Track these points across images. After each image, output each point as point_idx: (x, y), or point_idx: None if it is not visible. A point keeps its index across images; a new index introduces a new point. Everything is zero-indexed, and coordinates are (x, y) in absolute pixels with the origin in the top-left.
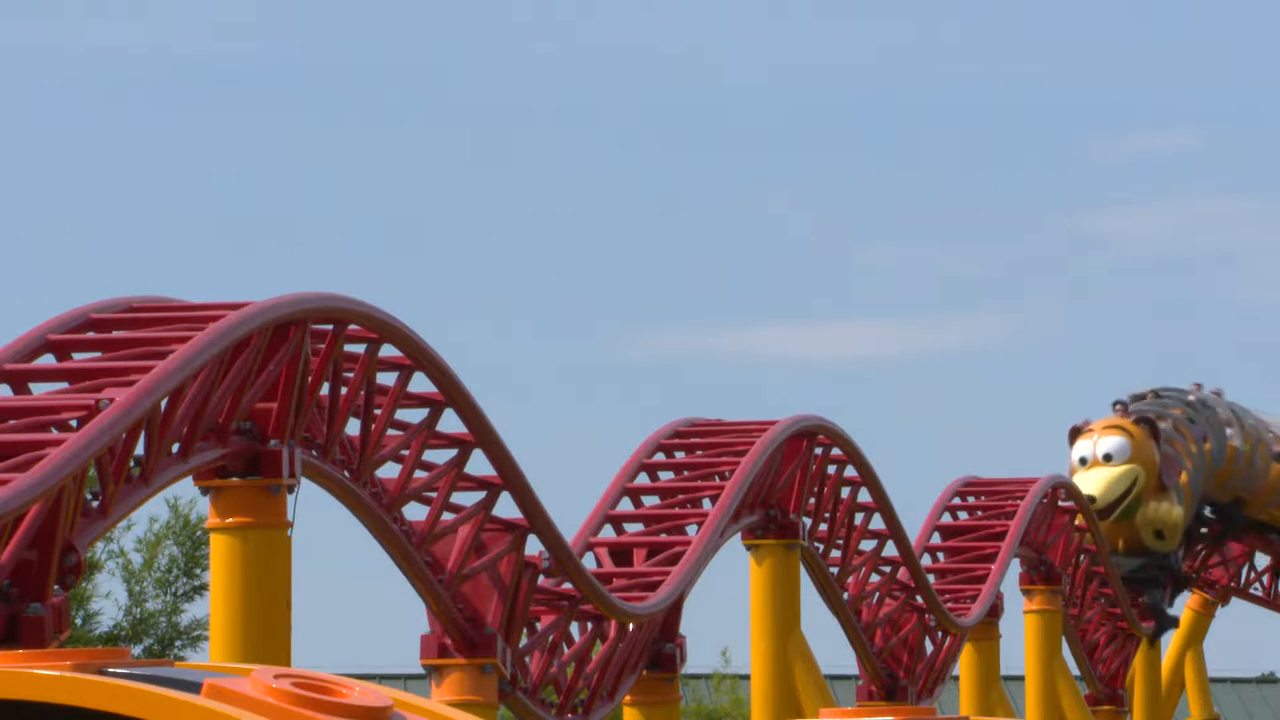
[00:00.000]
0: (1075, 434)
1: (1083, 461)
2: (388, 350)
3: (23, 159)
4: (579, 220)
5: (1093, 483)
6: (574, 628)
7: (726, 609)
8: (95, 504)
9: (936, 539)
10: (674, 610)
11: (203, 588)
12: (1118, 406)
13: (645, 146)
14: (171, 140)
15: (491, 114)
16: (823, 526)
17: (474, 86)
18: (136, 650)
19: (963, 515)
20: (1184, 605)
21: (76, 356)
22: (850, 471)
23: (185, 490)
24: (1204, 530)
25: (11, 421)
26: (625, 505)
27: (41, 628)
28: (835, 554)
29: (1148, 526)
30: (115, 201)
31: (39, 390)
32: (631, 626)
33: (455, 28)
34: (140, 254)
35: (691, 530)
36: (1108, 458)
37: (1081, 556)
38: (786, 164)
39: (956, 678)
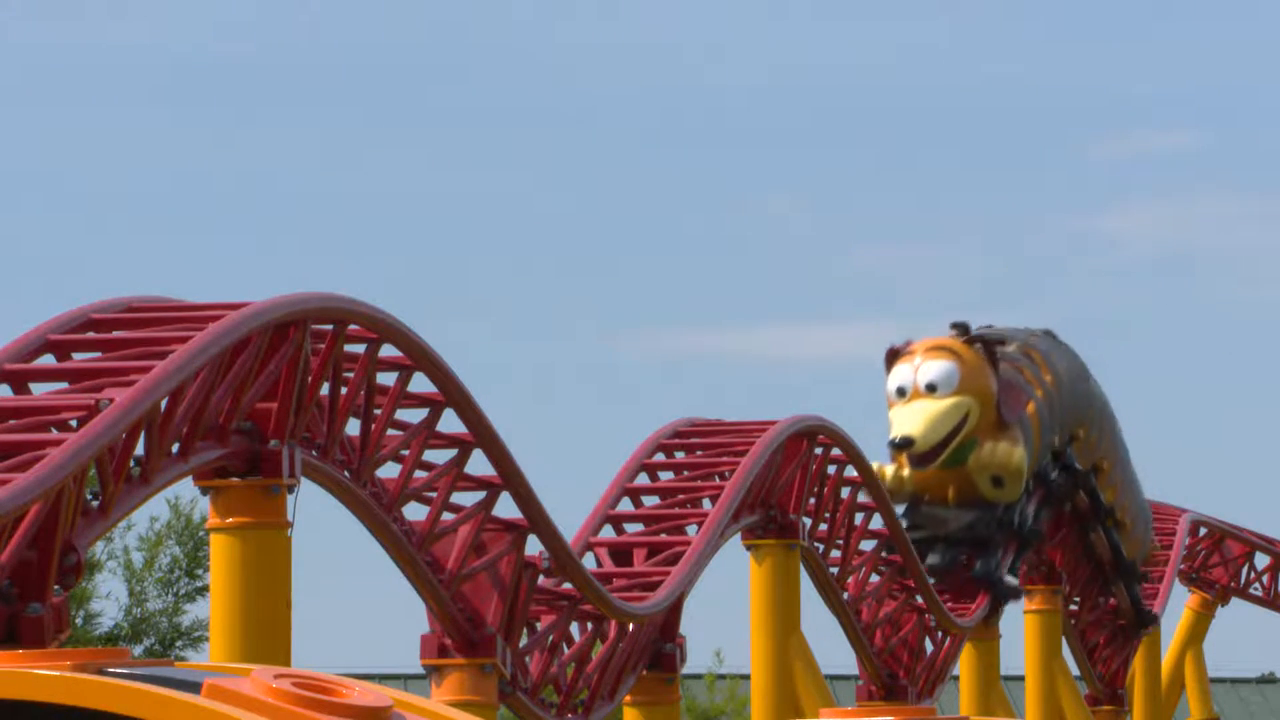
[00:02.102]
0: (893, 358)
1: (900, 394)
2: (388, 350)
3: (23, 159)
4: (579, 220)
5: (911, 420)
6: (574, 628)
7: (726, 609)
8: (95, 504)
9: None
10: (674, 610)
11: (204, 588)
12: (955, 329)
13: (645, 147)
14: (172, 140)
15: (492, 114)
16: (823, 526)
17: (474, 86)
18: (137, 650)
19: None
20: (1185, 605)
21: (76, 356)
22: (850, 471)
23: (185, 490)
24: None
25: (11, 421)
26: (625, 505)
27: (41, 628)
28: (835, 554)
29: (983, 472)
30: (115, 201)
31: (39, 390)
32: (631, 626)
33: (455, 28)
34: (140, 254)
35: (691, 530)
36: (931, 388)
37: None
38: (786, 164)
39: (956, 678)
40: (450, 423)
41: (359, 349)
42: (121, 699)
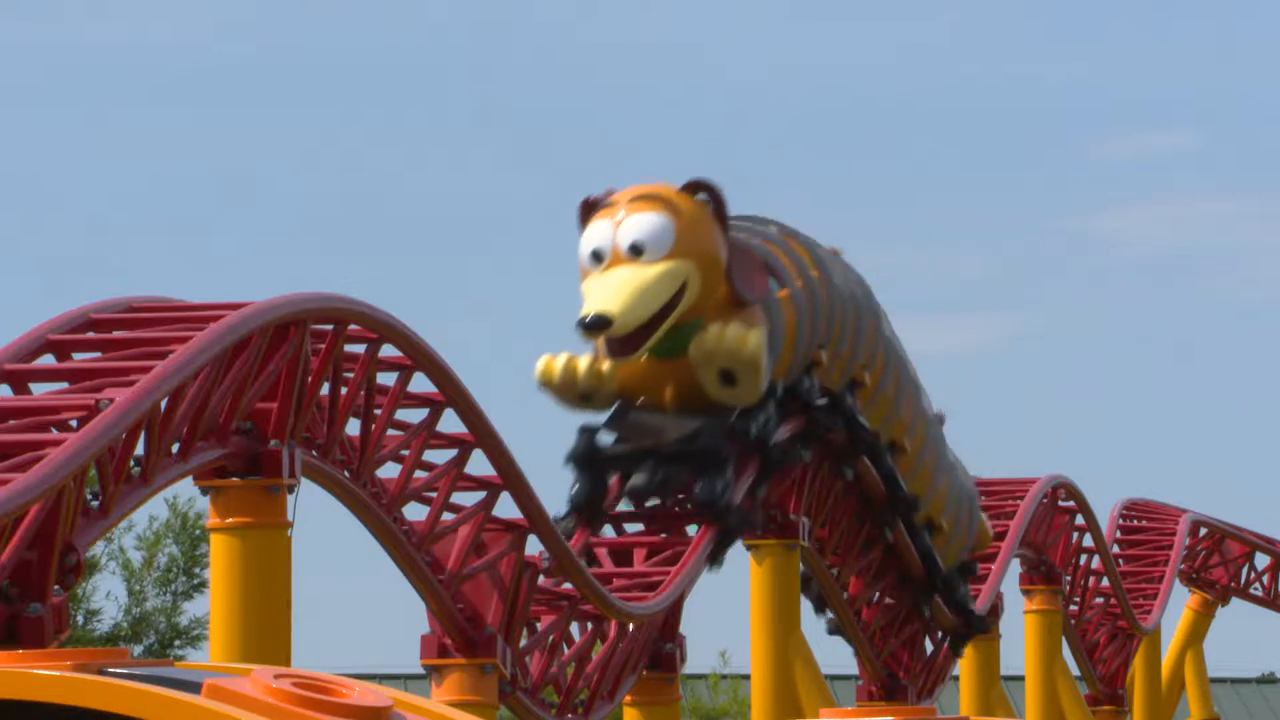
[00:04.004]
0: (588, 212)
1: (596, 259)
2: (388, 350)
3: (23, 159)
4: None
5: (608, 292)
6: (574, 628)
7: (726, 609)
8: (95, 504)
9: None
10: (674, 610)
11: (202, 586)
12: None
13: (645, 146)
14: (172, 140)
15: (491, 114)
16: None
17: (474, 86)
18: (136, 650)
19: None
20: (1185, 605)
21: (76, 356)
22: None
23: (184, 489)
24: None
25: (11, 421)
26: (625, 505)
27: (41, 628)
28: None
29: (709, 364)
30: (115, 201)
31: (39, 390)
32: (631, 626)
33: (455, 28)
34: (140, 254)
35: (691, 530)
36: (636, 250)
37: (1082, 557)
38: (786, 164)
39: (956, 678)
40: (450, 423)
41: (359, 349)
42: (122, 699)
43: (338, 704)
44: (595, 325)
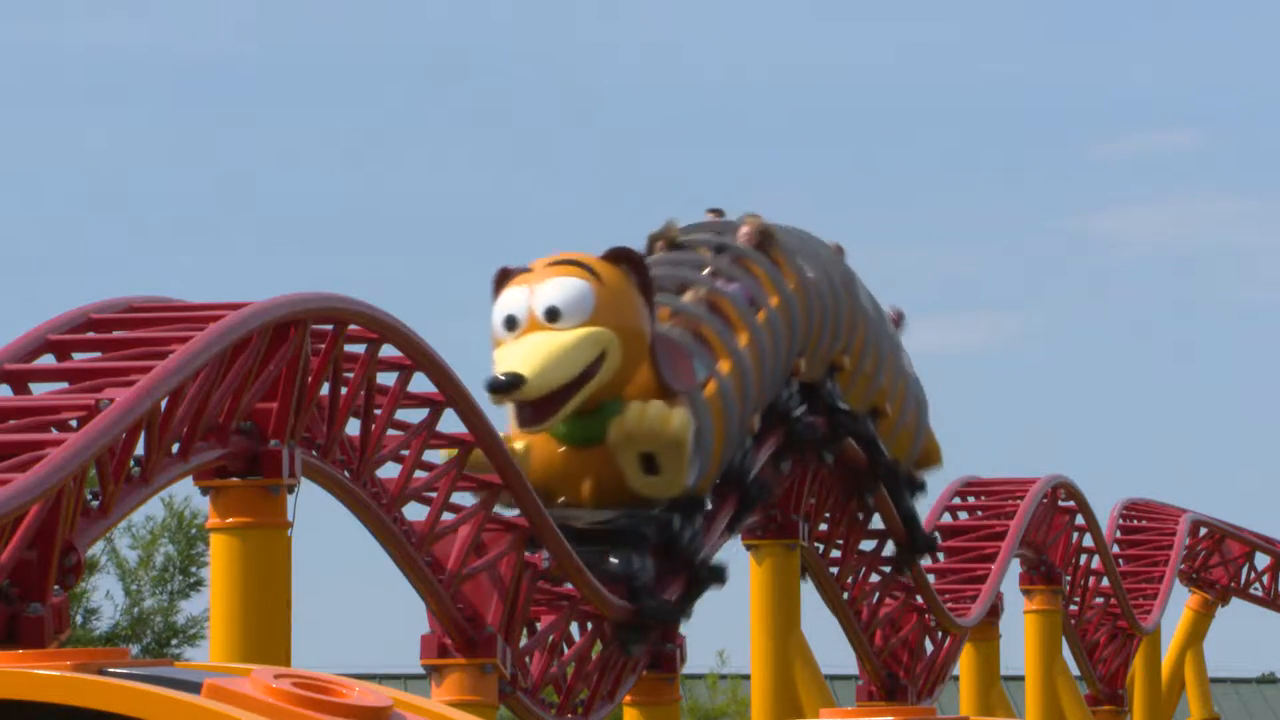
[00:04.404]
0: (503, 280)
1: (510, 326)
2: (388, 350)
3: (23, 159)
4: (579, 220)
5: (520, 355)
6: (574, 628)
7: (726, 609)
8: (95, 504)
9: (936, 539)
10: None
11: (198, 584)
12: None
13: (645, 146)
14: (172, 140)
15: (491, 114)
16: (823, 526)
17: (474, 86)
18: (134, 649)
19: (963, 515)
20: (1185, 605)
21: (76, 356)
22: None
23: (180, 488)
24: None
25: (11, 421)
26: None
27: (41, 628)
28: (835, 554)
29: (629, 447)
30: (115, 201)
31: (39, 390)
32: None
33: (455, 28)
34: (140, 254)
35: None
36: (553, 315)
37: (1082, 557)
38: (786, 164)
39: (956, 678)
40: (450, 423)
41: (359, 349)
42: (122, 699)
43: (338, 704)
44: (506, 386)
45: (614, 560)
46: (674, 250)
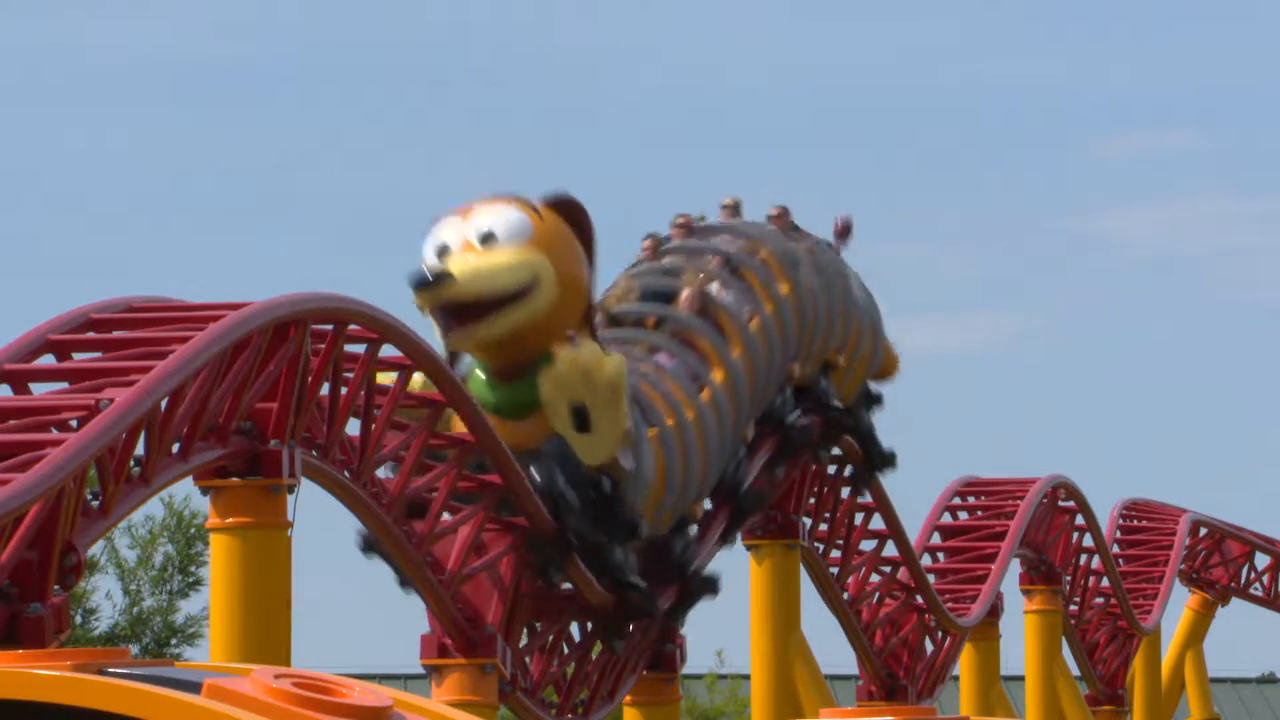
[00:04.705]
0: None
1: (442, 255)
2: (388, 350)
3: (23, 159)
4: None
5: (450, 263)
6: (574, 628)
7: (724, 609)
8: (95, 504)
9: (936, 539)
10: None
11: (197, 584)
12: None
13: (645, 147)
14: (172, 140)
15: (490, 114)
16: (823, 526)
17: (473, 86)
18: (134, 649)
19: (963, 515)
20: (1185, 605)
21: (76, 356)
22: (850, 471)
23: (180, 488)
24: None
25: (11, 421)
26: None
27: (41, 628)
28: (835, 554)
29: (560, 393)
30: (115, 201)
31: (39, 390)
32: (631, 626)
33: (455, 28)
34: (140, 254)
35: (691, 530)
36: (488, 239)
37: (1082, 557)
38: (786, 163)
39: (956, 678)
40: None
41: (359, 349)
42: (122, 699)
43: (338, 704)
44: (430, 281)
45: (534, 471)
46: (612, 327)
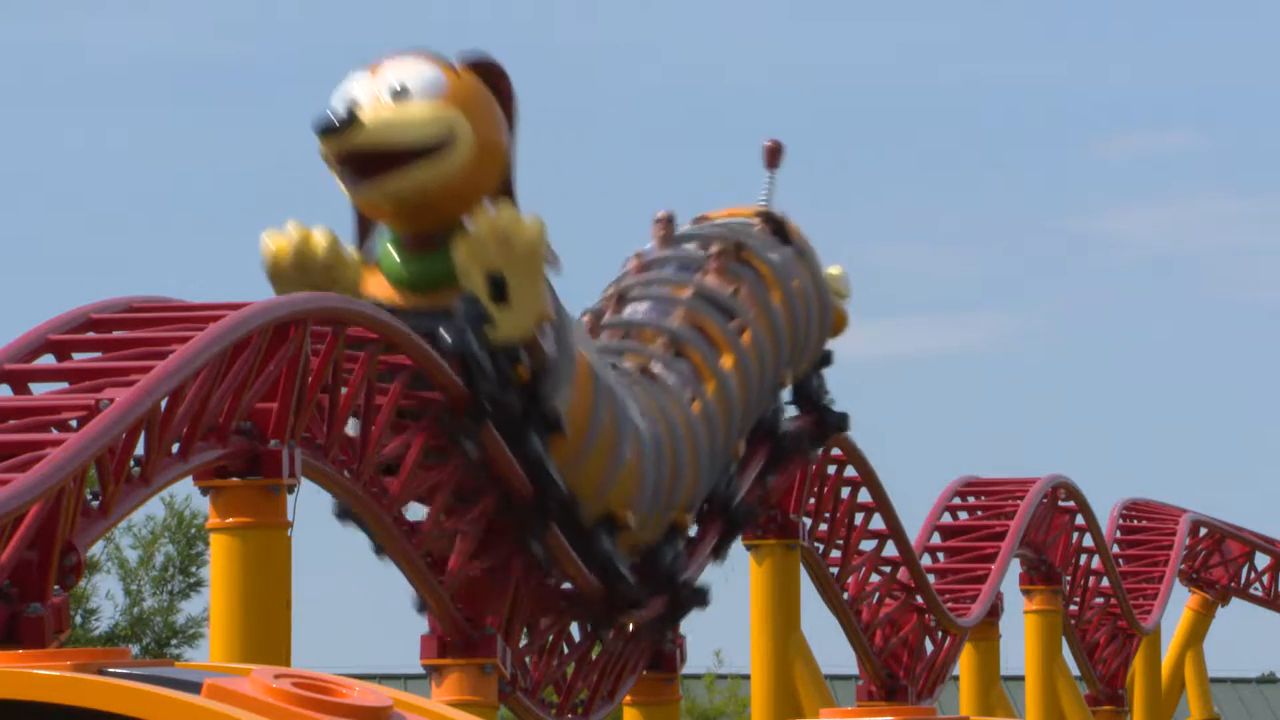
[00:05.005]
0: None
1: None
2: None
3: (23, 159)
4: (578, 220)
5: (362, 117)
6: (574, 628)
7: (724, 609)
8: (95, 504)
9: (936, 539)
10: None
11: (198, 584)
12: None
13: (645, 147)
14: (172, 140)
15: None
16: (823, 526)
17: None
18: (134, 649)
19: (963, 515)
20: (1185, 605)
21: (76, 356)
22: (850, 471)
23: (180, 488)
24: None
25: (11, 421)
26: None
27: (41, 628)
28: (835, 554)
29: (475, 264)
30: (116, 201)
31: (39, 390)
32: (631, 626)
33: (455, 28)
34: (140, 254)
35: (691, 530)
36: (400, 94)
37: (1082, 557)
38: (787, 164)
39: (956, 678)
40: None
41: (359, 350)
42: (122, 699)
43: (338, 704)
44: (335, 126)
45: (444, 332)
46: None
